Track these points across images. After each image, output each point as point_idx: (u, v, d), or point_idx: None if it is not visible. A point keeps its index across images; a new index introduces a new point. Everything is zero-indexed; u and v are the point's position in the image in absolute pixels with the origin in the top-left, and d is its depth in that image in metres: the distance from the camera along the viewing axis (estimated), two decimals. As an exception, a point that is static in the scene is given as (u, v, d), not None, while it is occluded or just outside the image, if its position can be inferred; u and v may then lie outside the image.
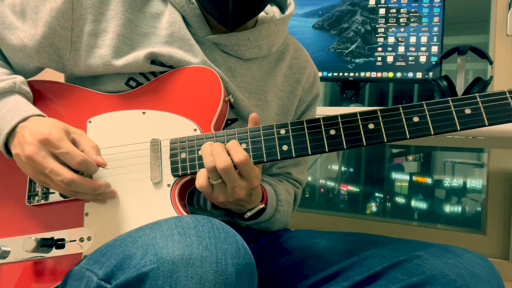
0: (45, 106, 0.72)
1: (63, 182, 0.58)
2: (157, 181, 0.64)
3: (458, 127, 0.57)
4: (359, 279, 0.62)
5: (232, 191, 0.61)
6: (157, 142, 0.67)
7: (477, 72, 1.69)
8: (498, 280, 0.56)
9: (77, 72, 0.73)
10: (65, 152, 0.59)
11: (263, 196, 0.73)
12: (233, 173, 0.59)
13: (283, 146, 0.62)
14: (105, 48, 0.70)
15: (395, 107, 0.60)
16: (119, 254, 0.48)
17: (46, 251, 0.62)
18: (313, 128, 0.61)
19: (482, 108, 0.57)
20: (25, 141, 0.60)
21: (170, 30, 0.72)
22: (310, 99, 0.88)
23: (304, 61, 0.87)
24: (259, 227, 0.80)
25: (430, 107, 0.59)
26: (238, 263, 0.46)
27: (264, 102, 0.80)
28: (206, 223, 0.49)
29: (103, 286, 0.47)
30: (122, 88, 0.72)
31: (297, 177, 0.87)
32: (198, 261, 0.44)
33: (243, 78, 0.78)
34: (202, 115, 0.68)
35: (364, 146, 0.60)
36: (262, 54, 0.80)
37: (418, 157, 1.92)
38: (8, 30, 0.71)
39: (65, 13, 0.69)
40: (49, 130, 0.59)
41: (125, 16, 0.71)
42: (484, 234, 1.49)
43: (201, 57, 0.72)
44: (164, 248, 0.44)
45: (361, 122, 0.60)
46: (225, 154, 0.59)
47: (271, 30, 0.78)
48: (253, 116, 0.65)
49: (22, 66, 0.75)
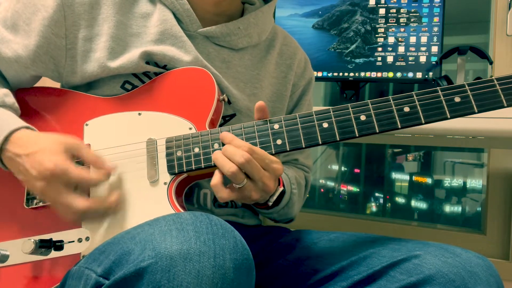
0: (42, 112, 0.73)
1: (76, 214, 0.60)
2: (154, 179, 0.65)
3: (448, 115, 0.59)
4: (358, 279, 0.62)
5: (263, 184, 0.60)
6: (153, 142, 0.67)
7: (477, 72, 1.69)
8: (497, 279, 0.56)
9: (73, 81, 0.73)
10: (77, 181, 0.60)
11: (279, 181, 0.73)
12: (255, 162, 0.59)
13: (277, 140, 0.63)
14: (100, 50, 0.70)
15: (385, 98, 0.61)
16: (118, 250, 0.48)
17: (45, 252, 0.62)
18: (306, 122, 0.63)
19: (471, 96, 0.58)
20: (31, 175, 0.59)
21: (162, 27, 0.73)
22: (304, 83, 0.90)
23: (294, 47, 0.90)
24: (279, 216, 0.80)
25: (420, 96, 0.60)
26: (236, 259, 0.46)
27: (260, 90, 0.81)
28: (204, 219, 0.49)
29: (101, 282, 0.47)
30: (118, 92, 0.73)
31: (304, 162, 0.90)
32: (196, 256, 0.44)
33: (237, 68, 0.80)
34: (197, 114, 0.69)
35: (356, 137, 0.61)
36: (253, 42, 0.82)
37: (418, 157, 1.92)
38: (1, 44, 0.71)
39: (58, 21, 0.70)
40: (51, 162, 0.58)
41: (116, 18, 0.72)
42: (484, 234, 1.49)
43: (193, 54, 0.73)
44: (162, 243, 0.45)
45: (353, 114, 0.61)
46: (239, 150, 0.59)
47: (258, 18, 0.81)
48: (259, 104, 0.64)
49: (18, 78, 0.75)
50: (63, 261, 0.62)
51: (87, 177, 0.60)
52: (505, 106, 0.57)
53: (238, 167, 0.58)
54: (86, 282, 0.50)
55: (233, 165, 0.58)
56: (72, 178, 0.59)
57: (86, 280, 0.50)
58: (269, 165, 0.61)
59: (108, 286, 0.46)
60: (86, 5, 0.71)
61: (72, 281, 0.54)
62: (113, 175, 0.65)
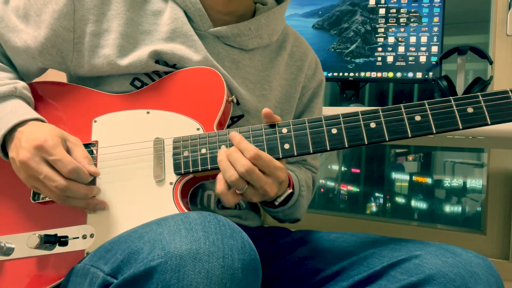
0: (51, 107, 0.73)
1: (57, 188, 0.59)
2: (160, 179, 0.65)
3: (460, 126, 0.58)
4: (358, 278, 0.62)
5: (263, 191, 0.60)
6: (160, 141, 0.67)
7: (477, 72, 1.69)
8: (497, 279, 0.56)
9: (82, 73, 0.74)
10: (57, 159, 0.59)
11: (290, 182, 0.72)
12: (256, 173, 0.58)
13: (284, 145, 0.62)
14: (109, 47, 0.71)
15: (396, 106, 0.60)
16: (126, 249, 0.48)
17: (50, 248, 0.63)
18: (315, 127, 0.62)
19: (485, 107, 0.57)
20: (21, 146, 0.60)
21: (173, 26, 0.73)
22: (315, 85, 0.89)
23: (305, 48, 0.89)
24: (284, 216, 0.80)
25: (432, 106, 0.59)
26: (244, 259, 0.46)
27: (269, 91, 0.81)
28: (212, 219, 0.49)
29: (109, 281, 0.47)
30: (128, 89, 0.73)
31: (312, 163, 0.90)
32: (206, 256, 0.44)
33: (247, 69, 0.80)
34: (205, 114, 0.69)
35: (365, 145, 0.60)
36: (263, 43, 0.81)
37: (418, 157, 1.92)
38: (12, 33, 0.72)
39: (67, 14, 0.70)
40: (44, 137, 0.60)
41: (127, 15, 0.72)
42: (484, 234, 1.49)
43: (203, 53, 0.73)
44: (172, 243, 0.45)
45: (363, 122, 0.60)
46: (242, 157, 0.58)
47: (270, 19, 0.80)
48: (266, 111, 0.63)
49: (26, 67, 0.76)
50: (67, 257, 0.63)
51: (69, 160, 0.59)
52: None
53: (239, 175, 0.58)
54: (92, 281, 0.50)
55: (234, 172, 0.58)
56: (56, 156, 0.59)
57: (92, 279, 0.50)
58: (273, 172, 0.60)
59: (117, 285, 0.46)
60: (97, 0, 0.71)
61: (77, 278, 0.54)
62: (110, 167, 0.65)
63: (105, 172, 0.67)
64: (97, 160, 0.68)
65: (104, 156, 0.69)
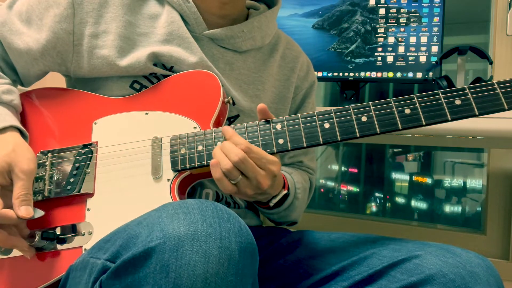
0: (52, 110, 0.76)
1: None
2: (157, 176, 0.66)
3: (449, 117, 0.59)
4: (359, 278, 0.62)
5: (257, 182, 0.61)
6: (158, 140, 0.69)
7: (477, 72, 1.69)
8: (497, 279, 0.56)
9: (82, 74, 0.76)
10: None
11: (285, 183, 0.74)
12: (249, 161, 0.60)
13: (279, 140, 0.64)
14: (108, 48, 0.73)
15: (386, 100, 0.62)
16: (124, 236, 0.49)
17: (49, 245, 0.63)
18: (308, 122, 0.64)
19: (472, 99, 0.59)
20: None
21: (169, 28, 0.75)
22: (307, 86, 0.91)
23: (297, 51, 0.92)
24: (278, 218, 0.81)
25: (420, 99, 0.61)
26: (241, 241, 0.47)
27: (263, 92, 0.83)
28: (209, 204, 0.50)
29: (108, 266, 0.48)
30: (127, 91, 0.75)
31: (308, 164, 0.91)
32: (203, 236, 0.45)
33: (241, 70, 0.82)
34: (202, 114, 0.71)
35: (358, 138, 0.62)
36: (256, 45, 0.84)
37: (418, 157, 1.92)
38: (15, 36, 0.75)
39: (67, 18, 0.73)
40: None
41: (125, 18, 0.75)
42: (484, 234, 1.49)
43: (199, 55, 0.75)
44: (170, 225, 0.46)
45: (354, 116, 0.62)
46: (235, 147, 0.60)
47: (262, 22, 0.82)
48: (260, 107, 0.66)
49: (27, 69, 0.78)
50: (66, 254, 0.64)
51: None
52: (506, 109, 0.58)
53: (233, 164, 0.59)
54: (92, 270, 0.50)
55: (228, 162, 0.60)
56: None
57: (91, 268, 0.50)
58: (266, 165, 0.62)
59: (116, 267, 0.46)
60: (96, 3, 0.74)
61: (76, 272, 0.54)
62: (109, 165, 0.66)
63: (104, 170, 0.69)
64: (96, 160, 0.70)
65: (103, 155, 0.70)
